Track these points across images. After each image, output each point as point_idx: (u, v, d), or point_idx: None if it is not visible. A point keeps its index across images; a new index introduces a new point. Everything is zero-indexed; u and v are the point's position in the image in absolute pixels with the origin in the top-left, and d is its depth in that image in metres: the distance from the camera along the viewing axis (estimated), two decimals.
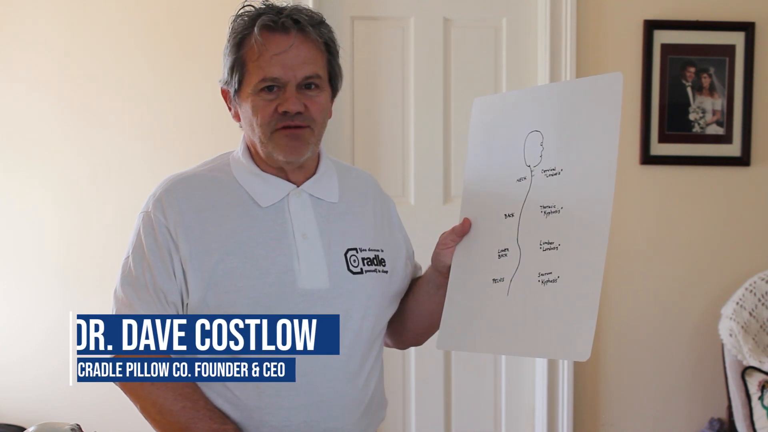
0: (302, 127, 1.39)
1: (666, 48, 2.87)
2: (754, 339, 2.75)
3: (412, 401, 2.96)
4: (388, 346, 1.65)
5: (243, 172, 1.46)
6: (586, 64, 2.86)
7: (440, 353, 2.93)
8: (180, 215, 1.40)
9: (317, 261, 1.42)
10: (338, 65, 1.47)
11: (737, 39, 2.88)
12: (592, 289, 1.30)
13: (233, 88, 1.43)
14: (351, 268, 1.45)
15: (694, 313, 2.95)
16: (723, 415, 2.89)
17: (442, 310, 1.49)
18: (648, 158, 2.89)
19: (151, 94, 2.83)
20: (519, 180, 1.44)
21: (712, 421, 2.89)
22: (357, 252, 1.47)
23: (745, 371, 2.71)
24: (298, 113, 1.38)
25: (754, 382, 2.69)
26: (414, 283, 1.61)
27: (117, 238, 1.47)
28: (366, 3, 2.91)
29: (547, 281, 1.36)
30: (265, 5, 1.42)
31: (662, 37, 2.87)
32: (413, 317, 1.59)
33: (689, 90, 2.89)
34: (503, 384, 2.99)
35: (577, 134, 1.37)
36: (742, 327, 2.73)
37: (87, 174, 2.85)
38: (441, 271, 1.51)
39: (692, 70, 2.88)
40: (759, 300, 2.79)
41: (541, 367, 2.93)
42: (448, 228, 1.51)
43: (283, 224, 1.43)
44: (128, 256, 1.42)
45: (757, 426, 2.67)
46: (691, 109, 2.89)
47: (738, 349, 2.70)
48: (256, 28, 1.38)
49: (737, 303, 2.78)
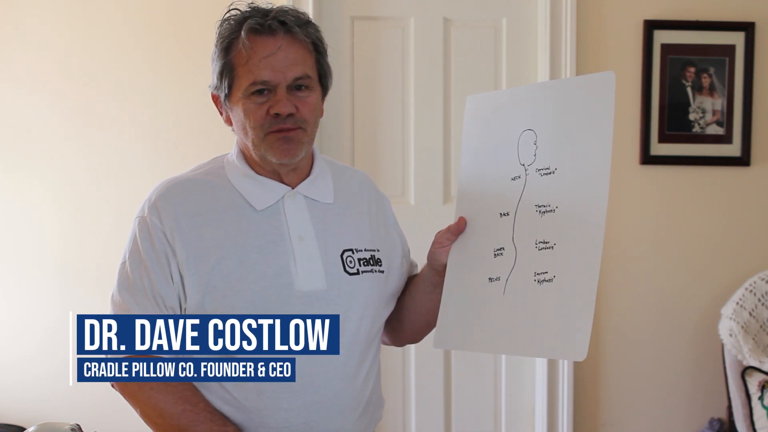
0: (294, 129, 1.39)
1: (666, 48, 2.87)
2: (754, 339, 2.75)
3: (411, 401, 2.96)
4: (385, 344, 1.65)
5: (237, 176, 1.45)
6: (586, 64, 2.86)
7: (440, 353, 2.93)
8: (176, 220, 1.40)
9: (314, 263, 1.42)
10: (327, 64, 1.46)
11: (737, 39, 2.88)
12: (588, 289, 1.29)
13: (223, 93, 1.42)
14: (347, 269, 1.45)
15: (694, 313, 2.95)
16: (723, 415, 2.89)
17: (439, 308, 1.49)
18: (648, 158, 2.89)
19: (151, 94, 2.83)
20: (513, 179, 1.43)
21: (712, 421, 2.89)
22: (353, 253, 1.47)
23: (745, 371, 2.71)
24: (289, 115, 1.38)
25: (754, 382, 2.69)
26: (410, 281, 1.61)
27: (117, 238, 1.47)
28: (366, 3, 2.91)
29: (543, 281, 1.35)
30: (251, 8, 1.41)
31: (662, 37, 2.87)
32: (410, 316, 1.59)
33: (689, 90, 2.89)
34: (503, 384, 2.99)
35: (571, 133, 1.37)
36: (742, 327, 2.73)
37: (87, 174, 2.85)
38: (437, 270, 1.51)
39: (692, 70, 2.88)
40: (759, 300, 2.79)
41: (541, 367, 2.92)
42: None
43: (278, 227, 1.42)
44: (125, 261, 1.42)
45: (757, 426, 2.67)
46: (691, 109, 2.89)
47: (738, 349, 2.70)
48: (242, 32, 1.37)
49: (737, 303, 2.78)
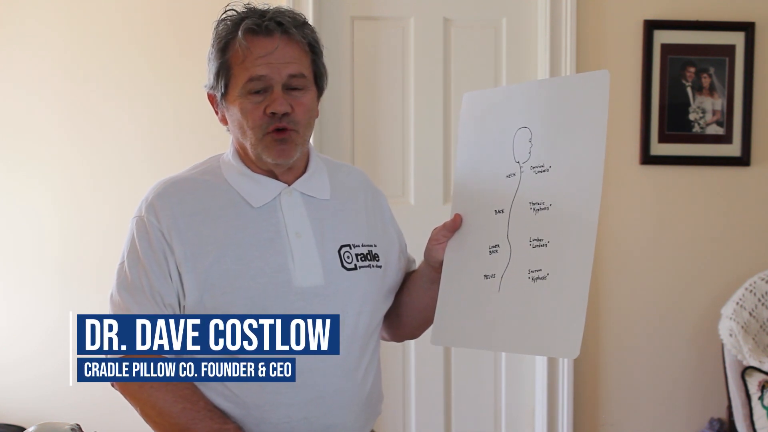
0: (289, 129, 1.40)
1: (666, 48, 2.87)
2: (754, 339, 2.75)
3: (412, 401, 2.96)
4: (384, 339, 1.66)
5: (234, 174, 1.46)
6: (586, 64, 2.86)
7: (440, 352, 2.93)
8: (173, 219, 1.40)
9: (311, 259, 1.42)
10: (323, 65, 1.48)
11: (737, 39, 2.88)
12: (581, 287, 1.31)
13: (220, 93, 1.43)
14: (345, 264, 1.46)
15: (694, 313, 2.95)
16: (723, 415, 2.89)
17: (436, 304, 1.50)
18: (648, 158, 2.89)
19: (151, 94, 2.83)
20: (508, 176, 1.44)
21: (712, 421, 2.89)
22: (350, 248, 1.48)
23: (745, 371, 2.71)
24: (285, 114, 1.39)
25: (754, 382, 2.69)
26: (408, 277, 1.62)
27: (117, 238, 1.47)
28: (366, 3, 2.91)
29: (537, 278, 1.37)
30: (248, 9, 1.42)
31: (662, 37, 2.87)
32: (408, 311, 1.60)
33: (689, 90, 2.89)
34: (503, 384, 2.99)
35: (565, 131, 1.38)
36: (742, 327, 2.73)
37: (87, 174, 2.85)
38: (434, 266, 1.52)
39: (692, 70, 2.88)
40: (759, 300, 2.79)
41: (541, 367, 2.92)
42: None
43: (276, 224, 1.43)
44: (123, 261, 1.43)
45: (757, 426, 2.67)
46: (691, 109, 2.89)
47: (738, 349, 2.70)
48: (240, 32, 1.39)
49: (737, 303, 2.78)
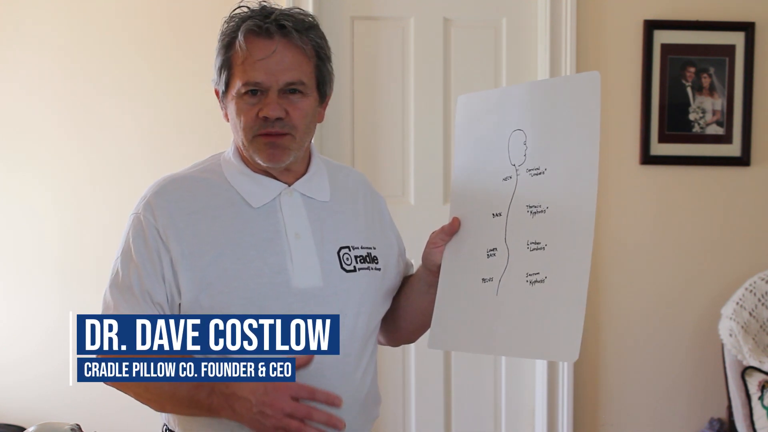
0: (282, 134, 1.39)
1: (666, 48, 2.87)
2: (754, 339, 2.75)
3: (411, 401, 2.96)
4: (380, 343, 1.65)
5: (234, 173, 1.46)
6: (586, 64, 2.86)
7: (440, 353, 2.92)
8: (170, 217, 1.40)
9: (310, 260, 1.42)
10: (328, 70, 1.45)
11: (737, 39, 2.88)
12: (579, 290, 1.30)
13: (221, 89, 1.43)
14: (344, 266, 1.45)
15: (694, 313, 2.95)
16: (723, 415, 2.89)
17: (433, 308, 1.49)
18: (648, 158, 2.89)
19: (151, 94, 2.83)
20: (505, 179, 1.44)
21: (712, 421, 2.89)
22: (350, 250, 1.47)
23: (745, 371, 2.71)
24: (278, 119, 1.38)
25: (754, 382, 2.69)
26: (406, 281, 1.62)
27: (117, 238, 1.47)
28: (366, 3, 2.91)
29: (535, 281, 1.36)
30: (257, 8, 1.41)
31: (662, 37, 2.87)
32: (405, 315, 1.60)
33: (689, 90, 2.89)
34: (503, 384, 2.99)
35: (558, 133, 1.37)
36: (742, 327, 2.73)
37: (87, 174, 2.85)
38: (432, 270, 1.51)
39: (692, 70, 2.88)
40: (759, 300, 2.79)
41: (541, 367, 2.92)
42: None
43: (275, 224, 1.43)
44: (117, 257, 1.42)
45: (757, 426, 2.67)
46: (691, 109, 2.89)
47: (738, 349, 2.70)
48: (240, 32, 1.38)
49: (737, 303, 2.78)
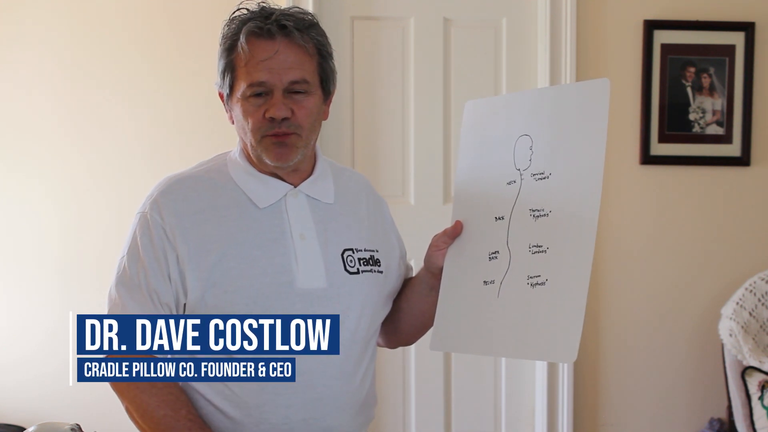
0: (289, 134, 1.40)
1: (666, 48, 2.87)
2: (754, 339, 2.75)
3: (412, 401, 2.96)
4: (379, 345, 1.66)
5: (240, 173, 1.46)
6: (586, 64, 2.86)
7: (440, 353, 2.93)
8: (177, 217, 1.40)
9: (315, 261, 1.43)
10: (330, 68, 1.46)
11: (737, 39, 2.88)
12: (579, 294, 1.32)
13: (226, 92, 1.44)
14: (348, 268, 1.46)
15: (694, 313, 2.95)
16: (723, 415, 2.89)
17: (434, 311, 1.50)
18: (648, 158, 2.89)
19: (151, 94, 2.83)
20: (509, 183, 1.46)
21: (712, 421, 2.89)
22: (353, 252, 1.48)
23: (745, 371, 2.71)
24: (284, 119, 1.38)
25: (754, 382, 2.69)
26: (406, 283, 1.62)
27: (117, 237, 1.47)
28: (366, 3, 2.91)
29: (536, 284, 1.38)
30: (257, 9, 1.42)
31: (662, 37, 2.87)
32: (405, 318, 1.60)
33: (689, 90, 2.89)
34: (503, 384, 2.99)
35: (566, 139, 1.39)
36: (742, 327, 2.73)
37: (87, 174, 2.85)
38: (433, 273, 1.52)
39: (692, 70, 2.88)
40: (759, 300, 2.79)
41: (541, 367, 2.92)
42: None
43: (280, 225, 1.43)
44: (123, 255, 1.43)
45: (757, 426, 2.67)
46: (691, 109, 2.89)
47: (738, 349, 2.70)
48: (242, 35, 1.39)
49: (737, 303, 2.78)
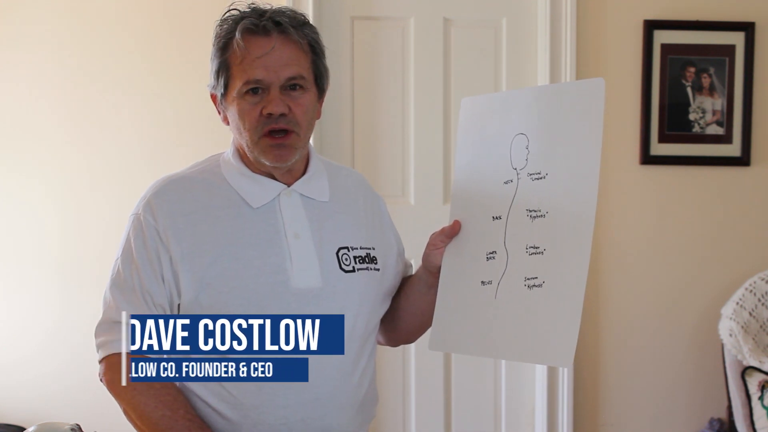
0: (288, 133, 1.40)
1: (666, 48, 2.87)
2: (754, 339, 2.75)
3: (412, 401, 2.96)
4: (380, 344, 1.66)
5: (233, 174, 1.46)
6: (586, 64, 2.86)
7: (440, 352, 2.93)
8: (170, 218, 1.40)
9: (309, 260, 1.43)
10: (323, 65, 1.47)
11: (737, 39, 2.88)
12: (576, 296, 1.31)
13: (220, 92, 1.44)
14: (343, 266, 1.46)
15: (694, 313, 2.94)
16: (723, 415, 2.89)
17: (433, 309, 1.50)
18: (648, 158, 2.89)
19: (151, 94, 2.83)
20: (506, 182, 1.45)
21: (712, 421, 2.89)
22: (349, 250, 1.48)
23: (745, 371, 2.71)
24: (282, 115, 1.39)
25: (754, 382, 2.69)
26: (405, 281, 1.62)
27: (117, 238, 1.47)
28: (366, 3, 2.91)
29: (533, 285, 1.37)
30: (249, 8, 1.43)
31: (662, 37, 2.87)
32: (405, 316, 1.60)
33: (689, 90, 2.89)
34: (503, 384, 2.99)
35: (561, 139, 1.38)
36: (742, 327, 2.73)
37: (87, 174, 2.85)
38: (431, 271, 1.52)
39: (692, 70, 2.88)
40: (759, 300, 2.79)
41: (541, 367, 2.92)
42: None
43: (274, 224, 1.43)
44: (118, 258, 1.43)
45: (757, 426, 2.67)
46: (691, 109, 2.89)
47: (738, 349, 2.70)
48: (237, 32, 1.39)
49: (737, 303, 2.78)
